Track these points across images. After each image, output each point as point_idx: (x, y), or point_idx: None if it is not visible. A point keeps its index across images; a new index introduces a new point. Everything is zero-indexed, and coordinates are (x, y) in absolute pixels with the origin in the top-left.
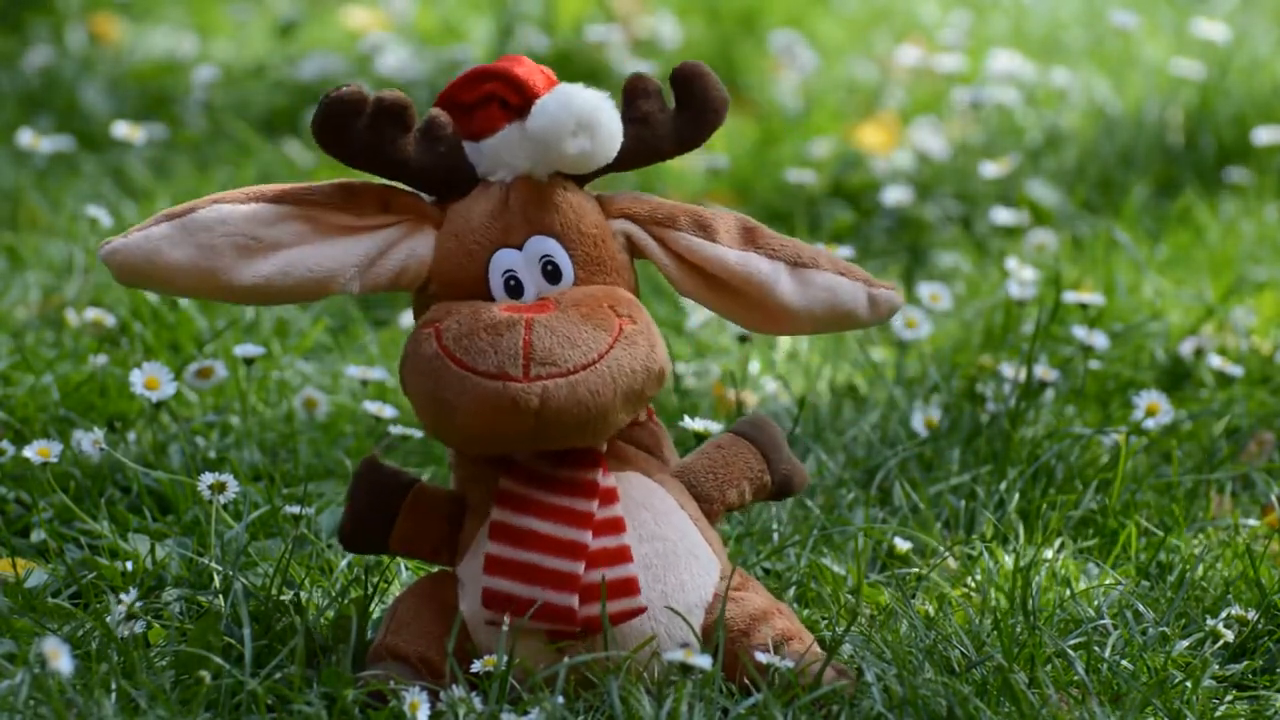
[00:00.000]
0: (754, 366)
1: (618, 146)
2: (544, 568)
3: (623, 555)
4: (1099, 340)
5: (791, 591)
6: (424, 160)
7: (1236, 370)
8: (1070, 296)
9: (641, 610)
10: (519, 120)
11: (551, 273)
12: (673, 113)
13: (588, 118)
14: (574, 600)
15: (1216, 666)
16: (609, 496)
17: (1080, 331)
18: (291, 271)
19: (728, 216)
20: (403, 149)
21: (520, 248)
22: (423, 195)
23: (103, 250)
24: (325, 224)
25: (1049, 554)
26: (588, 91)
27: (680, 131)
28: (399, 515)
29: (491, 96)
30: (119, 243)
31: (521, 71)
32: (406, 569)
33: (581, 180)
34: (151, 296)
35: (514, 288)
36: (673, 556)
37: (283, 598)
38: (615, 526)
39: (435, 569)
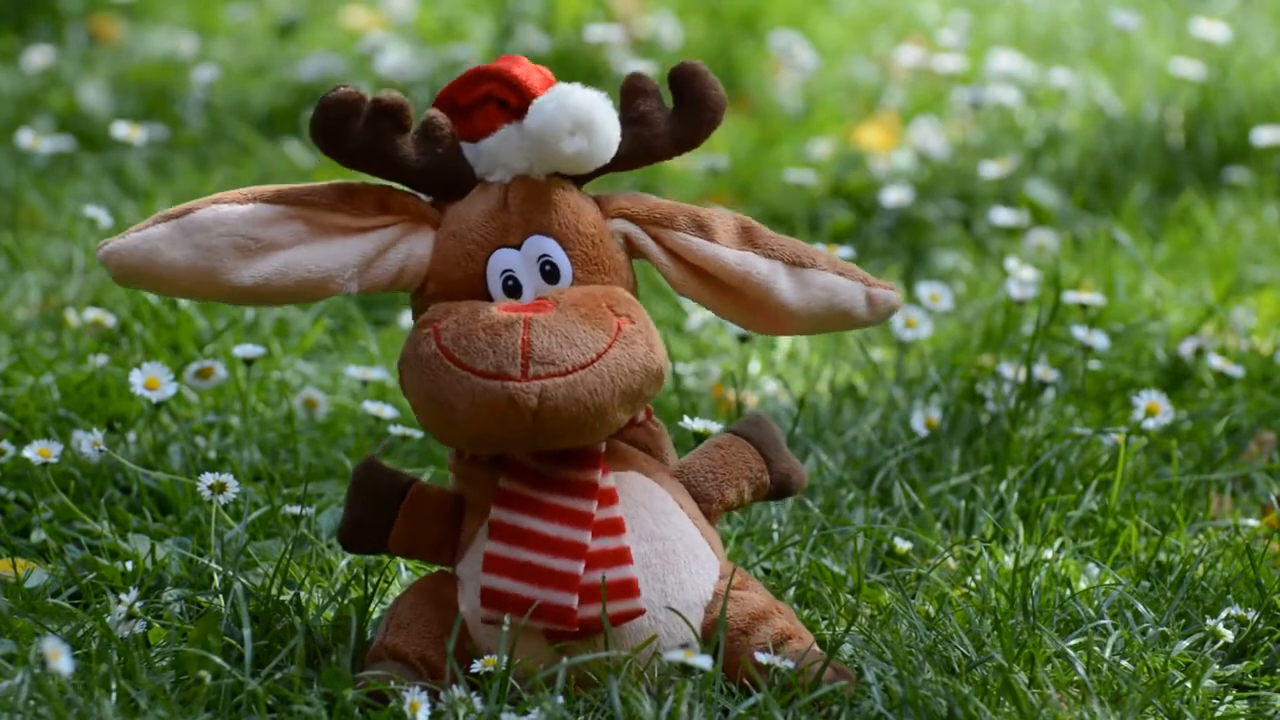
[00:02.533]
0: (754, 366)
1: (615, 146)
2: (543, 567)
3: (622, 557)
4: (1099, 340)
5: (791, 591)
6: (422, 161)
7: (1236, 370)
8: (1070, 296)
9: (641, 612)
10: (517, 121)
11: (550, 272)
12: (671, 113)
13: (585, 117)
14: (573, 600)
15: (1216, 666)
16: (608, 497)
17: (1080, 331)
18: (290, 272)
19: (726, 216)
20: (400, 149)
21: (518, 247)
22: (420, 195)
23: (100, 251)
24: (323, 224)
25: (1049, 554)
26: (585, 91)
27: (678, 131)
28: (398, 516)
29: (489, 97)
30: (117, 244)
31: (519, 72)
32: (406, 569)
33: (580, 180)
34: (152, 297)
35: (512, 287)
36: (672, 556)
37: (283, 598)
38: (615, 528)
39: (435, 569)
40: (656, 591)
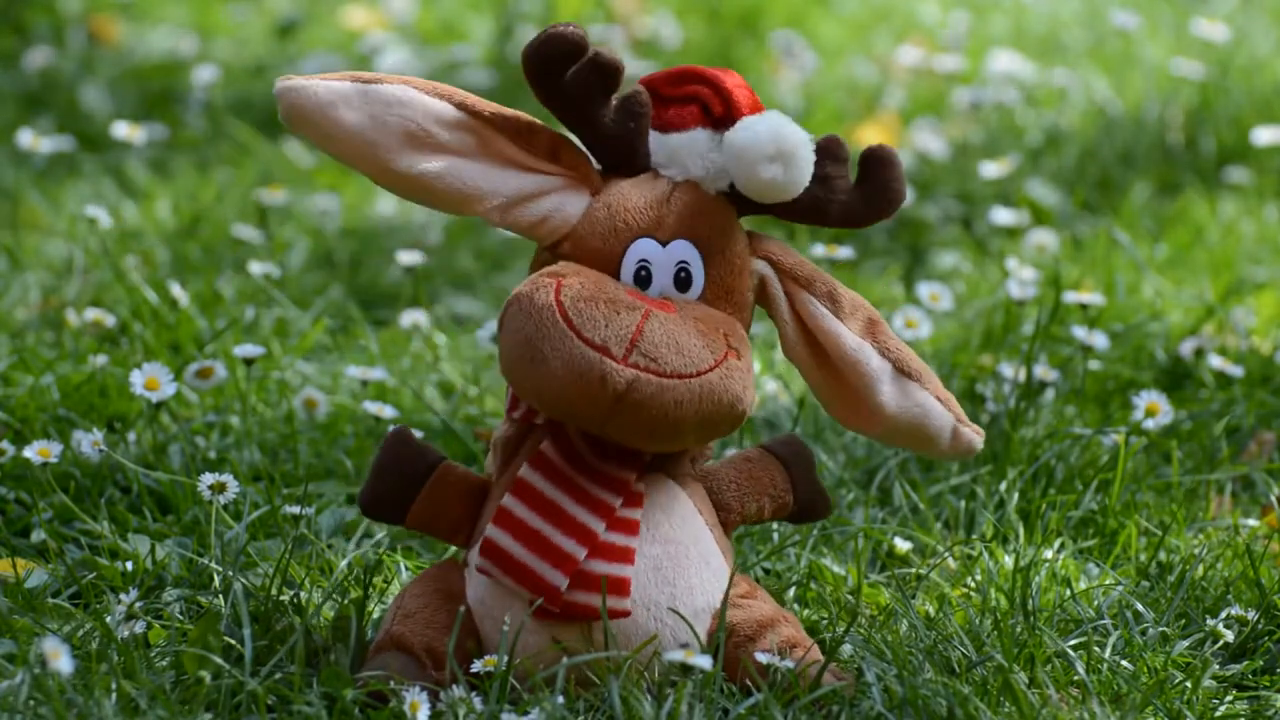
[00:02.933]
0: (754, 367)
1: (801, 189)
2: (549, 540)
3: (626, 555)
4: (1099, 340)
5: (791, 591)
6: (614, 129)
7: (1236, 370)
8: (1070, 296)
9: (626, 613)
10: (713, 128)
11: (683, 280)
12: (851, 186)
13: (790, 149)
14: (563, 582)
15: (1216, 666)
16: (635, 500)
17: (1080, 331)
18: (445, 176)
19: (858, 300)
20: (599, 109)
21: (664, 244)
22: (591, 158)
23: (280, 85)
24: (495, 149)
25: (1049, 554)
26: (795, 126)
27: (851, 208)
28: (421, 492)
29: (694, 98)
30: (300, 82)
31: (731, 83)
32: (406, 569)
33: (740, 210)
34: (152, 296)
35: (644, 278)
36: (684, 560)
37: (283, 598)
38: (629, 527)
39: (442, 559)
40: (665, 594)
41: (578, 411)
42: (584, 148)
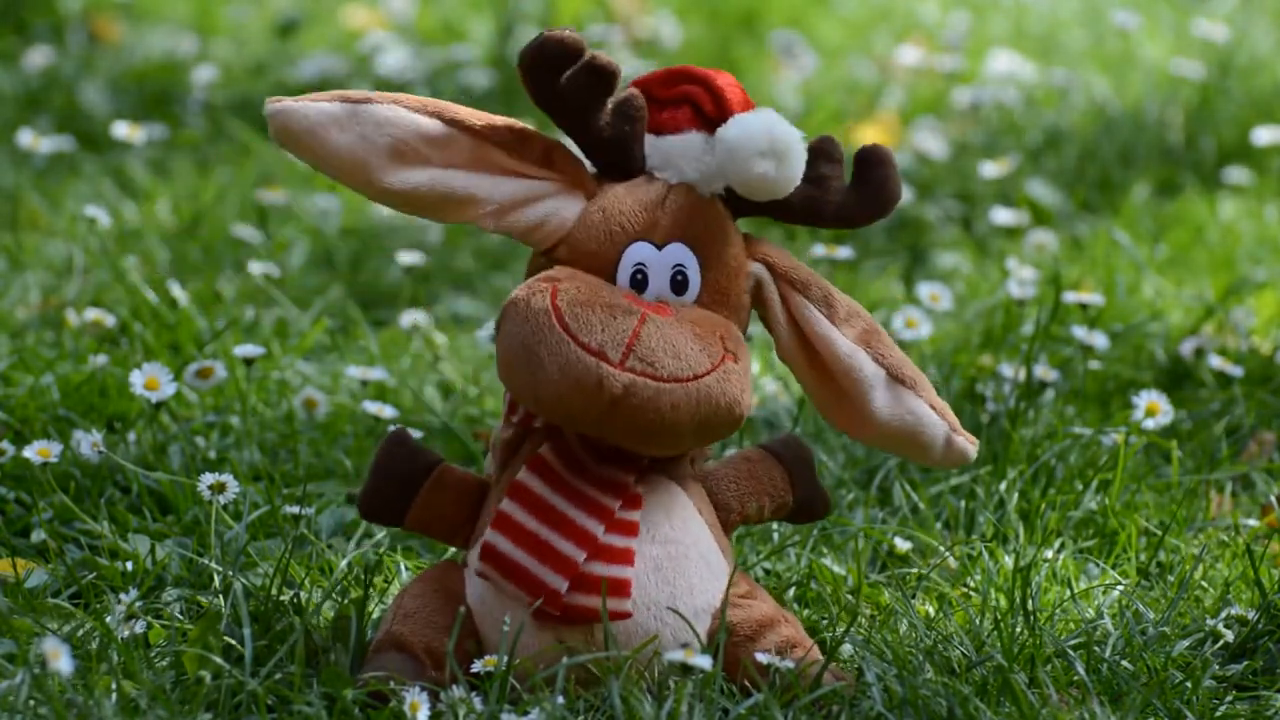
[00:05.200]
0: (754, 366)
1: (794, 186)
2: (547, 543)
3: (625, 557)
4: (1099, 340)
5: (791, 591)
6: (609, 133)
7: (1236, 370)
8: (1070, 296)
9: (627, 615)
10: (706, 129)
11: (680, 283)
12: (846, 186)
13: (782, 145)
14: (563, 585)
15: (1216, 666)
16: (633, 502)
17: (1080, 331)
18: (438, 186)
19: (855, 308)
20: (594, 113)
21: (660, 247)
22: (586, 162)
23: (270, 106)
24: (486, 157)
25: (1049, 554)
26: (787, 123)
27: (847, 207)
28: (419, 494)
29: (687, 99)
30: (289, 104)
31: (723, 83)
32: (406, 569)
33: (736, 212)
34: (151, 296)
35: (640, 282)
36: (684, 560)
37: (283, 598)
38: (629, 529)
39: (441, 559)
40: (665, 594)
41: (575, 416)
42: (578, 151)
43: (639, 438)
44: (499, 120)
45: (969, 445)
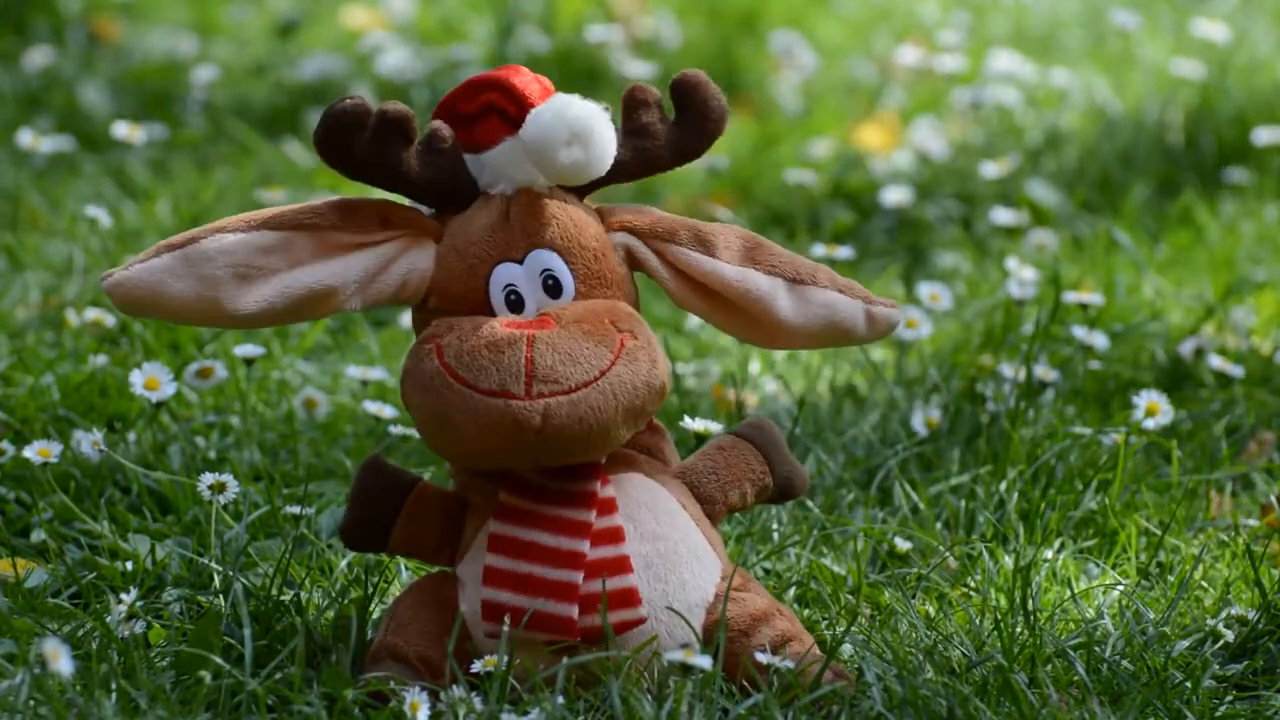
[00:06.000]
0: (754, 367)
1: (612, 157)
2: (542, 578)
3: (622, 565)
4: (1099, 340)
5: (791, 591)
6: (426, 173)
7: (1236, 370)
8: (1070, 296)
9: (642, 620)
10: (518, 132)
11: (552, 287)
12: (672, 123)
13: (582, 128)
14: (573, 610)
15: (1217, 666)
16: (607, 507)
17: (1080, 331)
18: (291, 292)
19: (729, 232)
20: (405, 162)
21: (521, 261)
22: (422, 208)
23: (105, 282)
24: (325, 243)
25: (1049, 554)
26: (583, 102)
27: (680, 142)
28: (400, 516)
29: (490, 107)
30: (121, 275)
31: (518, 81)
32: (406, 569)
33: (582, 192)
34: None
35: (515, 302)
36: (674, 556)
37: (283, 598)
38: (614, 536)
39: (435, 569)
40: (658, 592)
41: (507, 458)
42: (411, 202)
43: (578, 451)
44: (322, 204)
45: (890, 309)
